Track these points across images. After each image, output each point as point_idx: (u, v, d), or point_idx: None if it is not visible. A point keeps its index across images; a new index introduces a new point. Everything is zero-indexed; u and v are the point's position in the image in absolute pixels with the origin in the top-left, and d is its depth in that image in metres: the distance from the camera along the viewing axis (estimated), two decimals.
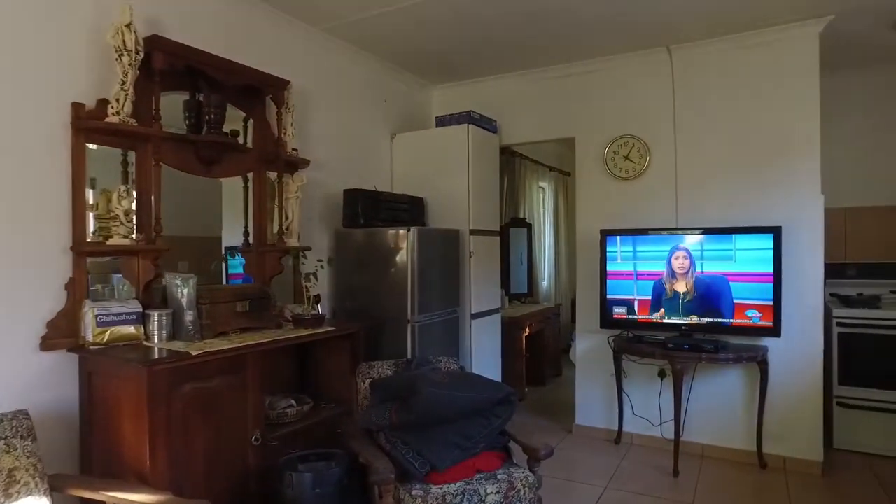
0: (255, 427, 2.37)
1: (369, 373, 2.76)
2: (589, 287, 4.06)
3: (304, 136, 3.41)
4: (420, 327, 3.36)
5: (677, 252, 3.58)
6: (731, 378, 3.63)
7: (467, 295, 3.88)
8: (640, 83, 3.91)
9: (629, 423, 3.91)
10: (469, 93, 4.54)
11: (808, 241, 3.39)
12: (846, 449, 3.70)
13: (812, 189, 3.40)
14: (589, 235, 4.04)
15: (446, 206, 3.97)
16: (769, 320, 3.32)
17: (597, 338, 4.01)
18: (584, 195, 4.15)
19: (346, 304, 3.57)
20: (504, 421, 2.36)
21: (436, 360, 2.94)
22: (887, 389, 3.62)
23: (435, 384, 2.23)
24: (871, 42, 3.70)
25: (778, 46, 3.47)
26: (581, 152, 4.15)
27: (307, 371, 3.18)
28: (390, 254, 3.41)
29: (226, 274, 3.05)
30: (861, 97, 4.18)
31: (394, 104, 4.28)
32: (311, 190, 3.43)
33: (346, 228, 3.56)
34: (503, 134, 4.43)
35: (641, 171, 3.89)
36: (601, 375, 4.02)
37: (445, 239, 3.74)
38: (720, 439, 3.64)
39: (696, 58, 3.72)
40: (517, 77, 4.34)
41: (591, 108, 4.09)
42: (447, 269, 3.71)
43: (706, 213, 3.68)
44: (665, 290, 3.60)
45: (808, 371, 3.42)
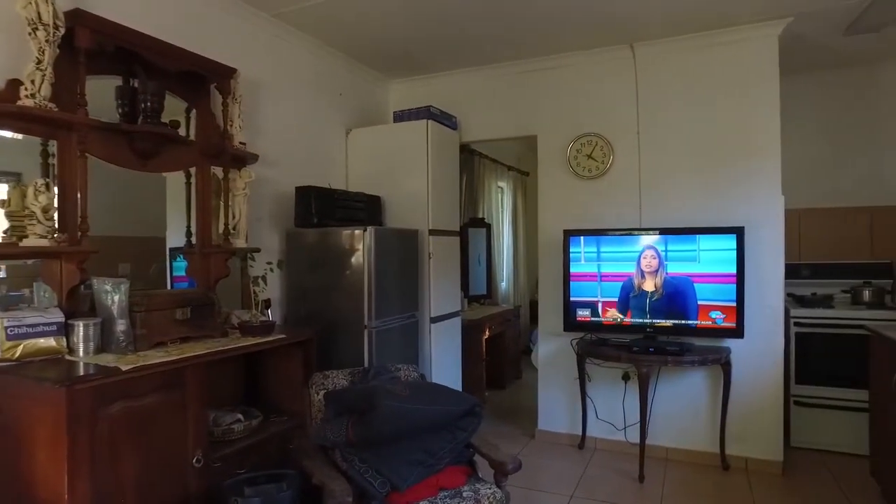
0: (197, 447, 2.15)
1: (324, 383, 2.57)
2: (552, 289, 3.97)
3: (253, 129, 3.18)
4: (378, 333, 3.18)
5: (647, 251, 3.53)
6: (694, 380, 3.60)
7: (426, 298, 3.72)
8: (604, 80, 3.84)
9: (593, 427, 3.84)
10: (428, 88, 4.38)
11: (769, 242, 3.39)
12: (803, 447, 3.74)
13: (773, 189, 3.40)
14: (551, 236, 3.94)
15: (405, 205, 3.80)
16: (732, 321, 3.30)
17: (560, 341, 3.92)
18: (547, 195, 4.06)
19: (300, 309, 3.36)
20: (469, 434, 2.22)
21: (395, 369, 2.77)
22: (841, 387, 3.68)
23: (394, 397, 2.06)
24: (824, 47, 3.75)
25: (739, 47, 3.47)
26: (543, 151, 4.06)
27: (257, 382, 2.96)
28: (346, 255, 3.22)
29: (170, 277, 2.80)
30: (813, 101, 4.25)
31: (349, 98, 4.08)
32: (260, 187, 3.20)
33: (298, 228, 3.35)
34: (463, 131, 4.29)
35: (605, 170, 3.83)
36: (564, 379, 3.94)
37: (404, 239, 3.57)
38: (684, 442, 3.60)
39: (659, 56, 3.68)
40: (478, 72, 4.21)
41: (554, 105, 4.00)
42: (406, 272, 3.55)
43: (670, 213, 3.64)
44: (633, 289, 3.53)
45: (769, 372, 3.42)
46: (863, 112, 4.18)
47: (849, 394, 3.64)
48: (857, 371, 3.50)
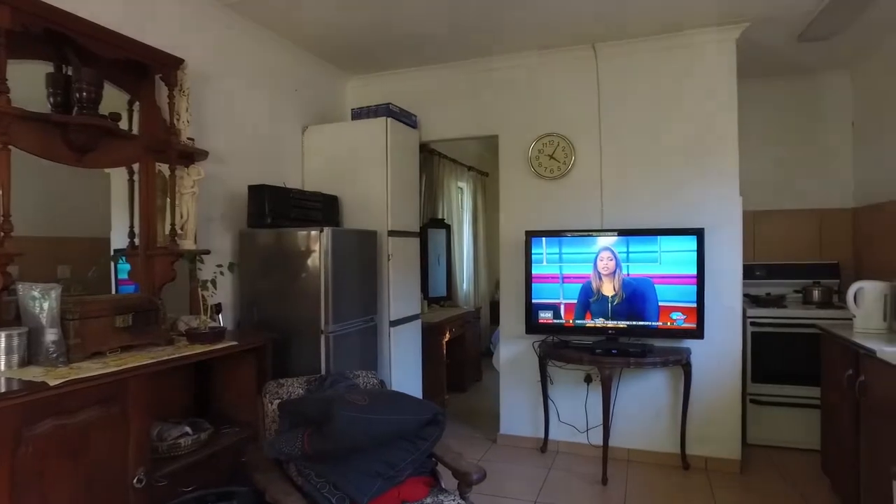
0: (139, 465, 1.98)
1: (278, 392, 2.43)
2: (513, 291, 3.92)
3: (203, 124, 3.02)
4: (335, 338, 3.06)
5: (603, 253, 3.52)
6: (655, 381, 3.61)
7: (386, 301, 3.62)
8: (566, 81, 3.82)
9: (555, 430, 3.81)
10: (388, 85, 4.27)
11: (727, 243, 3.44)
12: (759, 444, 3.80)
13: (731, 191, 3.44)
14: (513, 237, 3.90)
15: (363, 205, 3.68)
16: (693, 322, 3.32)
17: (521, 344, 3.87)
18: (508, 195, 4.01)
19: (253, 313, 3.20)
20: (431, 444, 2.13)
21: (353, 375, 2.66)
22: (794, 385, 3.76)
23: (352, 407, 1.96)
24: (778, 52, 3.83)
25: (699, 50, 3.50)
26: (505, 151, 4.01)
27: (207, 392, 2.80)
28: (301, 257, 3.09)
29: (115, 281, 2.61)
30: (767, 107, 4.34)
31: (306, 94, 3.94)
32: (211, 186, 3.04)
33: (251, 229, 3.19)
34: (423, 130, 4.20)
35: (566, 170, 3.80)
36: (526, 382, 3.90)
37: (362, 240, 3.46)
38: (645, 443, 3.61)
39: (620, 57, 3.68)
40: (439, 70, 4.13)
41: (516, 105, 3.96)
42: (364, 274, 3.43)
43: (631, 213, 3.65)
44: (592, 293, 3.52)
45: (728, 372, 3.46)
46: (811, 119, 4.30)
47: (802, 391, 3.73)
48: (810, 369, 3.58)
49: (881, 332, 2.87)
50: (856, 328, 2.94)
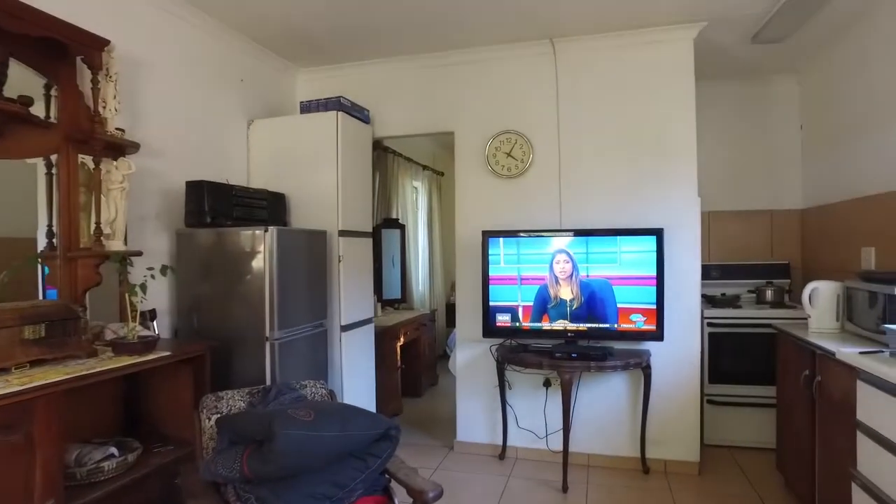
0: (48, 497, 1.75)
1: (217, 406, 2.23)
2: (470, 293, 3.80)
3: (135, 114, 2.78)
4: (281, 345, 2.86)
5: (559, 255, 3.44)
6: (614, 384, 3.55)
7: (336, 305, 3.43)
8: (524, 76, 3.73)
9: (514, 436, 3.71)
10: (339, 79, 4.08)
11: (686, 243, 3.42)
12: (715, 444, 3.81)
13: (689, 191, 3.42)
14: (469, 237, 3.78)
15: (312, 203, 3.49)
16: (653, 324, 3.27)
17: (478, 347, 3.76)
18: (464, 194, 3.89)
19: (192, 320, 2.96)
20: (384, 461, 1.97)
21: (300, 385, 2.47)
22: (749, 385, 3.78)
23: (295, 423, 1.78)
24: (732, 54, 3.85)
25: (657, 48, 3.47)
26: (461, 148, 3.89)
27: (138, 407, 2.56)
28: (245, 259, 2.87)
29: (42, 286, 2.35)
30: (721, 108, 4.36)
31: (252, 86, 3.71)
32: (145, 181, 2.80)
33: (189, 229, 2.96)
34: (376, 126, 4.03)
35: (524, 168, 3.71)
36: (483, 387, 3.78)
37: (311, 241, 3.26)
38: (605, 448, 3.55)
39: (579, 53, 3.61)
40: (393, 64, 3.97)
41: (472, 100, 3.84)
42: (313, 276, 3.24)
43: (590, 213, 3.59)
44: (549, 297, 3.43)
45: (687, 373, 3.44)
46: (762, 121, 4.36)
47: (757, 391, 3.75)
48: (765, 368, 3.61)
49: (834, 332, 2.89)
50: (810, 328, 2.95)
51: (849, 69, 3.52)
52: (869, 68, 3.27)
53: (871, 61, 3.23)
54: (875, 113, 3.20)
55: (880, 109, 3.15)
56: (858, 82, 3.40)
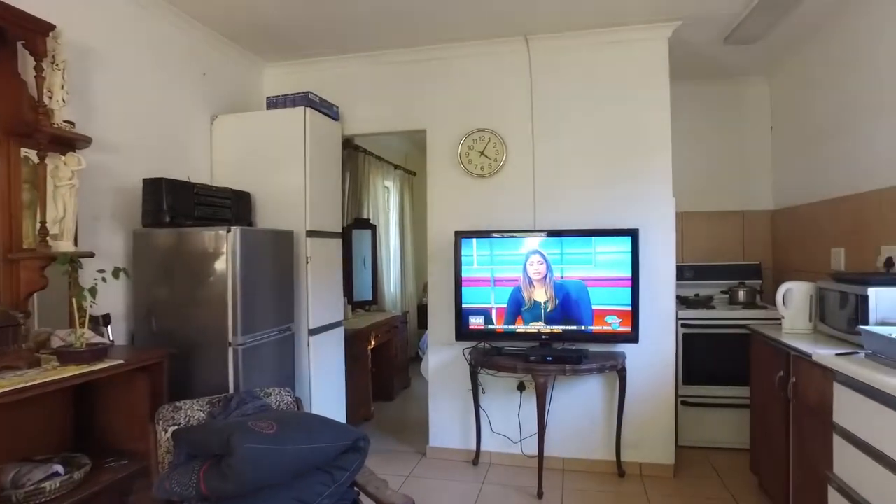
0: None
1: (174, 417, 2.09)
2: (442, 295, 3.71)
3: (87, 106, 2.61)
4: (245, 351, 2.73)
5: (532, 257, 3.37)
6: (589, 387, 3.51)
7: (304, 308, 3.31)
8: (498, 74, 3.65)
9: (487, 441, 3.63)
10: (308, 74, 3.95)
11: (661, 244, 3.39)
12: (689, 445, 3.79)
13: (664, 191, 3.40)
14: (442, 237, 3.69)
15: (279, 202, 3.36)
16: (628, 326, 3.23)
17: (451, 351, 3.67)
18: (437, 193, 3.79)
19: (152, 324, 2.80)
20: (352, 473, 1.87)
21: (264, 393, 2.35)
22: (722, 385, 3.77)
23: (256, 436, 1.66)
24: (705, 55, 3.84)
25: (632, 47, 3.43)
26: (433, 146, 3.79)
27: (90, 419, 2.40)
28: (206, 260, 2.73)
29: None
30: (691, 109, 4.34)
31: (216, 80, 3.55)
32: (98, 178, 2.64)
33: (147, 228, 2.80)
34: (346, 123, 3.91)
35: (497, 168, 3.64)
36: (456, 391, 3.70)
37: (277, 242, 3.13)
38: (580, 451, 3.50)
39: (554, 50, 3.55)
40: (364, 59, 3.85)
41: (445, 98, 3.75)
42: (279, 279, 3.11)
43: (565, 213, 3.53)
44: (523, 300, 3.37)
45: (662, 375, 3.41)
46: (734, 122, 4.37)
47: (730, 391, 3.74)
48: (738, 369, 3.61)
49: (807, 333, 2.88)
50: (784, 329, 2.94)
51: (817, 72, 3.55)
52: (837, 72, 3.29)
53: (839, 64, 3.26)
54: (843, 115, 3.23)
55: (848, 112, 3.17)
56: (827, 85, 3.42)
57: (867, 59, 2.98)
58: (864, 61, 3.01)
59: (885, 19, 2.83)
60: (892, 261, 2.78)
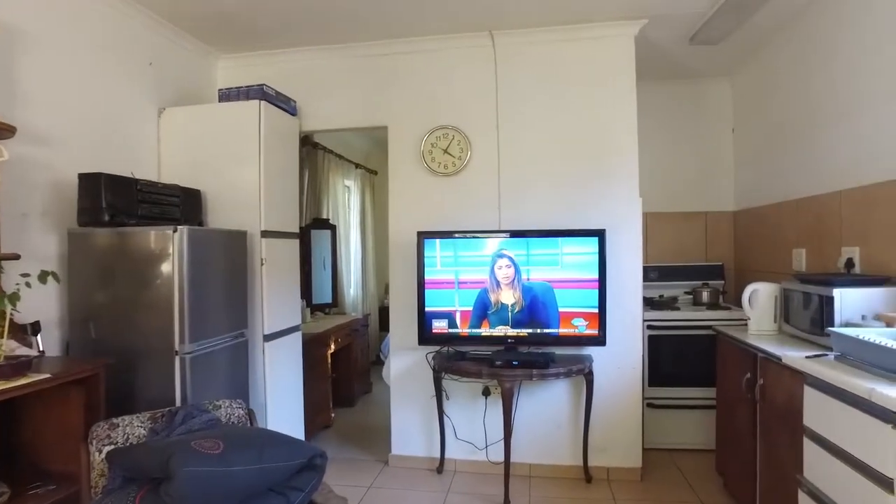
0: None
1: (110, 436, 1.91)
2: (404, 298, 3.58)
3: (11, 93, 2.38)
4: (193, 360, 2.53)
5: (500, 260, 3.28)
6: (556, 391, 3.44)
7: (259, 312, 3.13)
8: (462, 70, 3.55)
9: (452, 448, 3.51)
10: (264, 67, 3.76)
11: (627, 245, 3.34)
12: (655, 447, 3.76)
13: (631, 191, 3.35)
14: (404, 238, 3.56)
15: (232, 201, 3.17)
16: (595, 329, 3.17)
17: (414, 355, 3.55)
18: (399, 192, 3.66)
19: (90, 331, 2.57)
20: (309, 494, 1.72)
21: (213, 406, 2.19)
22: (687, 386, 3.76)
23: (200, 458, 1.51)
24: (670, 55, 3.83)
25: (598, 44, 3.38)
26: (395, 143, 3.66)
27: (15, 438, 2.18)
28: (151, 262, 2.53)
29: None
30: (655, 110, 4.32)
31: (163, 70, 3.33)
32: (27, 173, 2.42)
33: (83, 228, 2.58)
34: (304, 118, 3.74)
35: (462, 166, 3.53)
36: (419, 398, 3.57)
37: (229, 242, 2.95)
38: (546, 457, 3.42)
39: (519, 47, 3.47)
40: (323, 52, 3.69)
41: (408, 93, 3.62)
42: (232, 281, 2.93)
43: (531, 213, 3.45)
44: (490, 303, 3.27)
45: (629, 378, 3.37)
46: (697, 123, 4.37)
47: (695, 392, 3.73)
48: (702, 370, 3.60)
49: (772, 334, 2.88)
50: (750, 330, 2.93)
51: (778, 74, 3.57)
52: (797, 74, 3.31)
53: (800, 67, 3.28)
54: (804, 117, 3.24)
55: (809, 114, 3.18)
56: (787, 87, 3.45)
57: (827, 62, 2.99)
58: (823, 64, 3.03)
59: (842, 24, 2.85)
60: (852, 261, 2.80)
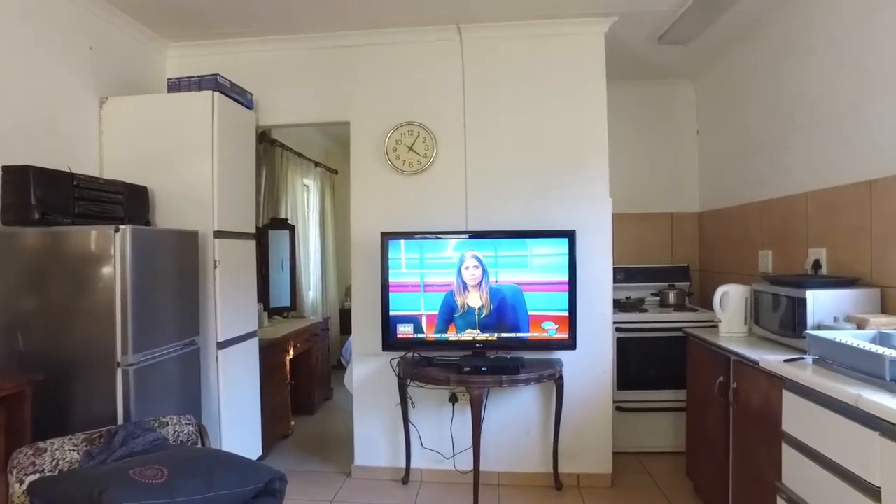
0: None
1: (35, 463, 1.70)
2: (367, 301, 3.42)
3: None
4: (137, 372, 2.32)
5: (467, 261, 3.16)
6: (525, 397, 3.34)
7: (212, 318, 2.92)
8: (428, 64, 3.42)
9: (418, 457, 3.37)
10: (218, 57, 3.53)
11: (597, 246, 3.27)
12: (623, 451, 3.70)
13: (601, 191, 3.29)
14: (367, 239, 3.40)
15: (182, 199, 2.96)
16: (565, 332, 3.09)
17: (377, 361, 3.39)
18: (362, 191, 3.50)
19: (18, 342, 2.32)
20: None
21: (160, 423, 1.99)
22: (655, 389, 3.72)
23: (139, 490, 1.33)
24: (637, 54, 3.78)
25: (568, 41, 3.31)
26: (357, 140, 3.49)
27: None
28: (90, 265, 2.31)
29: None
30: (622, 110, 4.28)
31: (106, 57, 3.08)
32: None
33: (7, 227, 2.33)
34: (262, 113, 3.54)
35: (427, 164, 3.40)
36: (383, 405, 3.42)
37: (179, 244, 2.74)
38: (516, 465, 3.32)
39: (488, 41, 3.36)
40: (282, 42, 3.50)
41: (371, 88, 3.47)
42: (182, 286, 2.72)
43: (499, 214, 3.35)
44: (456, 306, 3.15)
45: (600, 382, 3.30)
46: (663, 124, 4.35)
47: (664, 395, 3.70)
48: (671, 372, 3.57)
49: (743, 336, 2.85)
50: (721, 332, 2.89)
51: (743, 77, 3.57)
52: (763, 77, 3.31)
53: (766, 70, 3.27)
54: (770, 119, 3.24)
55: (775, 116, 3.18)
56: (753, 90, 3.44)
57: (795, 66, 2.99)
58: (791, 68, 3.02)
59: (812, 27, 2.85)
60: (819, 263, 2.79)
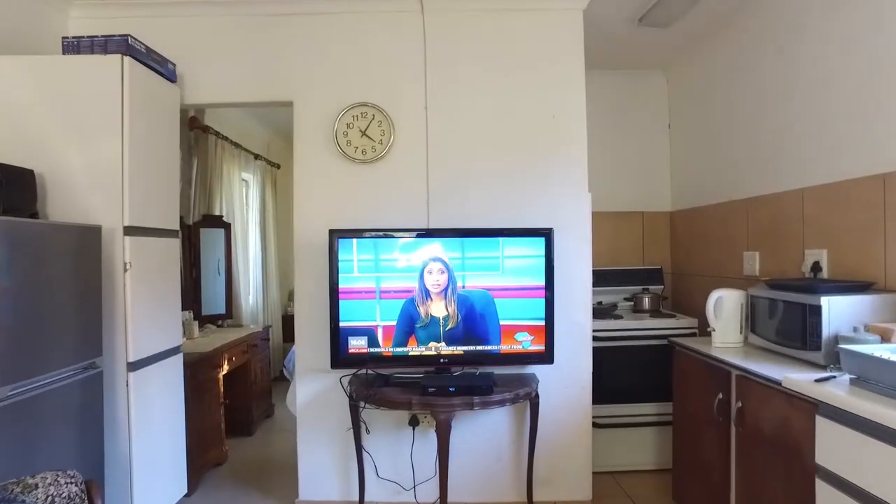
0: None
1: None
2: (313, 310, 2.96)
3: None
4: (7, 410, 1.78)
5: (431, 264, 2.75)
6: (496, 418, 2.95)
7: (120, 334, 2.38)
8: (383, 38, 3.00)
9: (373, 489, 2.91)
10: (133, 20, 2.92)
11: (576, 246, 2.93)
12: (601, 471, 3.34)
13: (580, 185, 2.95)
14: (313, 237, 2.94)
15: (82, 187, 2.41)
16: (541, 343, 2.72)
17: (325, 380, 2.93)
18: (306, 181, 3.03)
19: None
20: None
21: (24, 487, 1.47)
22: (634, 403, 3.41)
23: None
24: (613, 38, 3.47)
25: (545, 17, 2.97)
26: (302, 123, 3.02)
27: None
28: None
29: None
30: (594, 100, 3.97)
31: None
32: None
33: None
34: (188, 89, 3.01)
35: (383, 151, 2.97)
36: (332, 430, 2.96)
37: (76, 242, 2.20)
38: (485, 494, 2.93)
39: (454, 14, 2.98)
40: (213, 7, 2.98)
41: (319, 63, 3.01)
42: (79, 294, 2.18)
43: (465, 209, 2.97)
44: (418, 315, 2.73)
45: (577, 399, 2.96)
46: (635, 117, 4.07)
47: (643, 409, 3.38)
48: (650, 384, 3.28)
49: (739, 346, 2.58)
50: (715, 342, 2.61)
51: (722, 67, 3.37)
52: (742, 66, 3.12)
53: (746, 57, 3.08)
54: (754, 111, 3.02)
55: (760, 107, 2.96)
56: (731, 80, 3.24)
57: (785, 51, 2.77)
58: (780, 51, 2.80)
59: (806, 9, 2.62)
60: (819, 265, 2.55)
